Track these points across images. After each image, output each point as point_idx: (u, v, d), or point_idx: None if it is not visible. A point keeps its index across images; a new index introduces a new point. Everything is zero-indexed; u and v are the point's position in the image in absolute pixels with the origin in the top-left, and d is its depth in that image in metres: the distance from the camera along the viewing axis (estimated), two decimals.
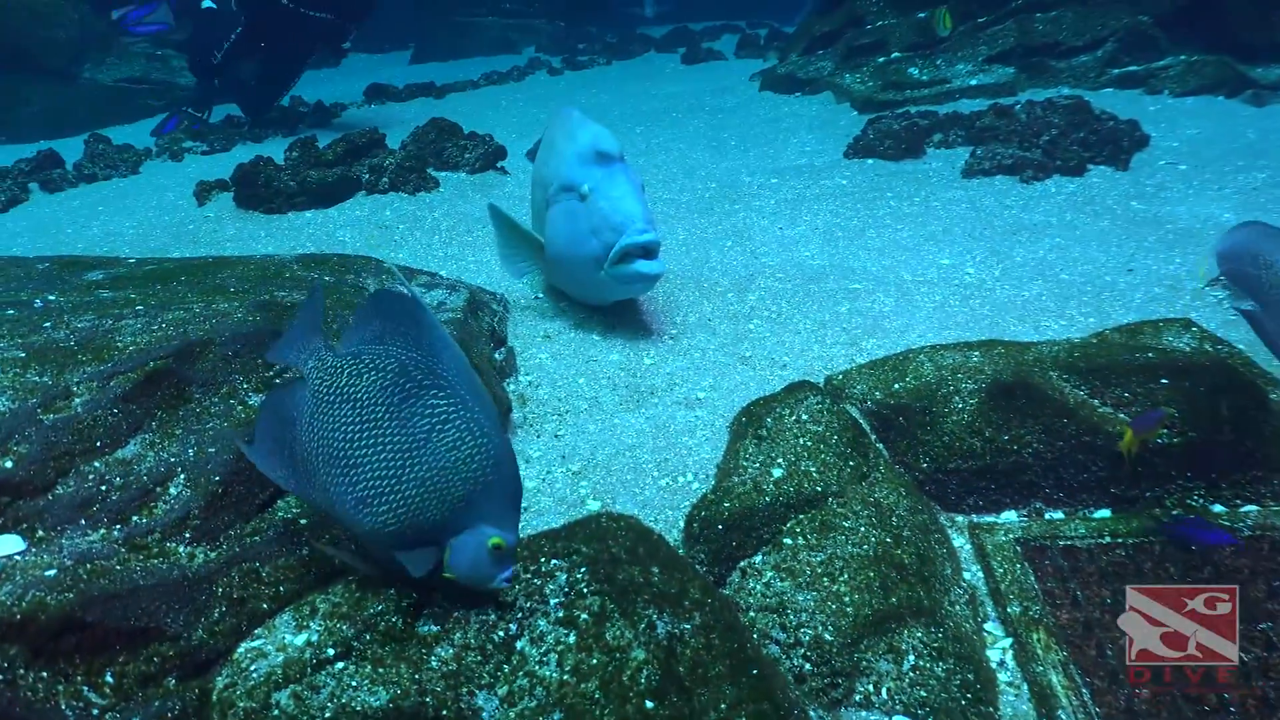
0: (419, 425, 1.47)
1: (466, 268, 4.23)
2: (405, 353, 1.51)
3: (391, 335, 1.54)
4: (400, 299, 1.57)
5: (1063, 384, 2.50)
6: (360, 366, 1.54)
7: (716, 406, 2.75)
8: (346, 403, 1.51)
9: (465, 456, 1.47)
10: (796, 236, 4.34)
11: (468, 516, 1.49)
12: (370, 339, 1.57)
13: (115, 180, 7.01)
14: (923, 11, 7.77)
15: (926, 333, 3.17)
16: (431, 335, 1.53)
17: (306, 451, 1.55)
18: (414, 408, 1.48)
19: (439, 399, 1.48)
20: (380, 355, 1.53)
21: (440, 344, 1.53)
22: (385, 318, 1.57)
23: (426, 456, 1.47)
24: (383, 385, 1.50)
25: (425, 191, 5.48)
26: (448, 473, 1.47)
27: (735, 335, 3.25)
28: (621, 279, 3.14)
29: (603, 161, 3.21)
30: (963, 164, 5.20)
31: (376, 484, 1.48)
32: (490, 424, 1.51)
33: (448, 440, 1.47)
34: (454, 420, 1.48)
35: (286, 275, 3.05)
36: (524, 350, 3.25)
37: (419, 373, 1.50)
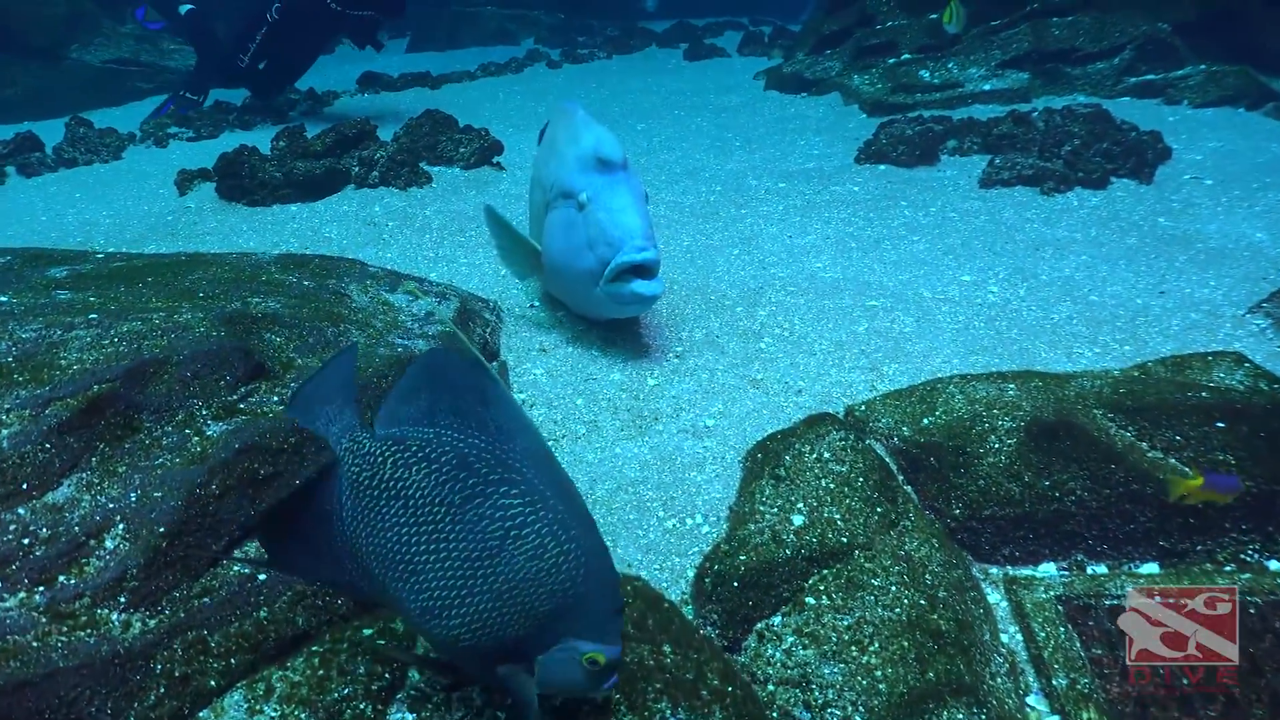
0: (489, 531, 1.22)
1: (458, 270, 4.00)
2: (464, 439, 1.24)
3: (446, 413, 1.27)
4: (457, 365, 1.31)
5: (1108, 424, 2.28)
6: (407, 456, 1.27)
7: (727, 436, 2.52)
8: (395, 499, 1.26)
9: (550, 566, 1.22)
10: (807, 246, 4.11)
11: (558, 630, 1.24)
12: (418, 416, 1.29)
13: (96, 166, 6.75)
14: (935, 13, 7.53)
15: (951, 357, 2.94)
16: (500, 413, 1.27)
17: (355, 546, 1.30)
18: (481, 509, 1.22)
19: (512, 498, 1.22)
20: (432, 443, 1.26)
21: (511, 423, 1.26)
22: (438, 390, 1.30)
23: (502, 567, 1.22)
24: (439, 481, 1.24)
25: (417, 187, 5.23)
26: (530, 585, 1.22)
27: (745, 355, 3.02)
28: (616, 298, 2.92)
29: (604, 169, 2.98)
30: (980, 173, 4.98)
31: (444, 594, 1.23)
32: (578, 524, 1.25)
33: (526, 548, 1.21)
34: (532, 524, 1.22)
35: (263, 278, 2.82)
36: (517, 365, 3.02)
37: (484, 465, 1.23)
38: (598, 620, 1.25)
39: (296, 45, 7.95)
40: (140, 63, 11.08)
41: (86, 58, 10.75)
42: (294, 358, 2.16)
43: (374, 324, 2.58)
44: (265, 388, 1.96)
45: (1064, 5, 7.14)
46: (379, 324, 2.59)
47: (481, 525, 1.22)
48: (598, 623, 1.25)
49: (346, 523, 1.31)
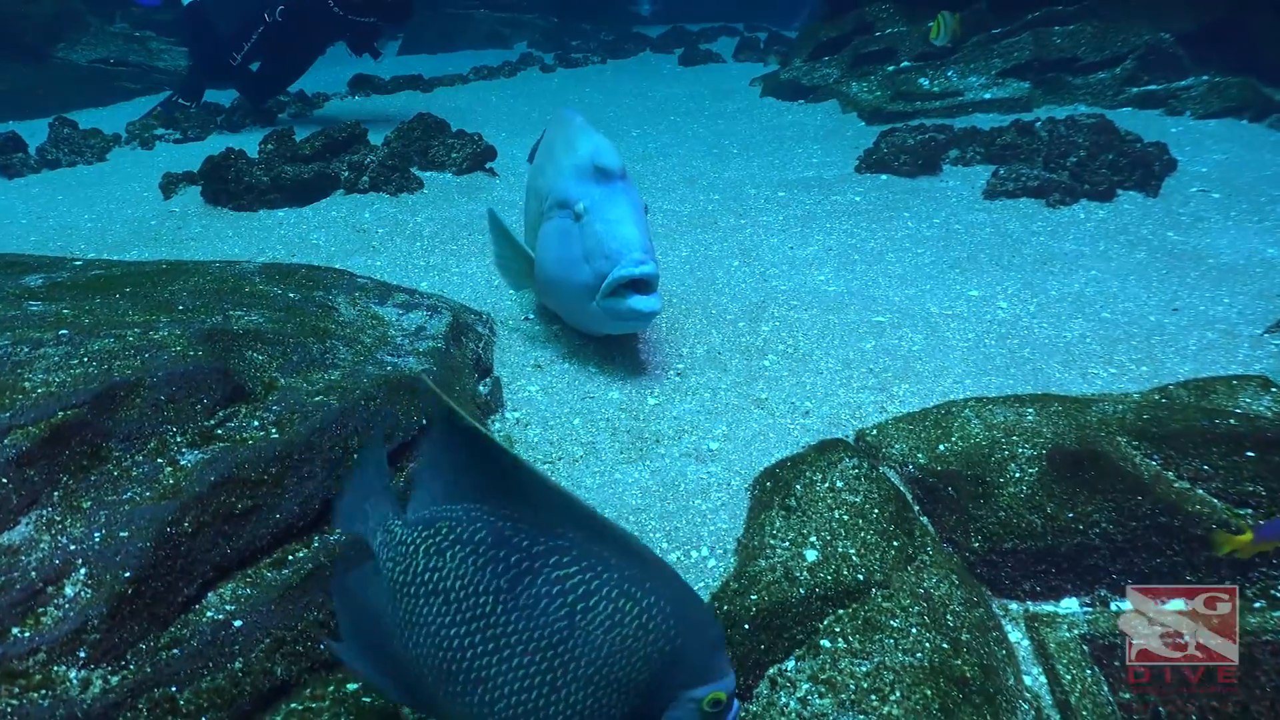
0: (552, 611, 1.07)
1: (450, 280, 3.87)
2: (495, 512, 1.10)
3: (468, 486, 1.13)
4: (458, 442, 1.16)
5: (1132, 452, 2.17)
6: (439, 541, 1.12)
7: (732, 461, 2.41)
8: (434, 596, 1.11)
9: (634, 630, 1.07)
10: (809, 258, 4.00)
11: (667, 690, 1.10)
12: (443, 493, 1.15)
13: (80, 167, 6.61)
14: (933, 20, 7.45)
15: (964, 378, 2.83)
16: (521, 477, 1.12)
17: (408, 658, 1.14)
18: (535, 589, 1.07)
19: (566, 568, 1.07)
20: (462, 521, 1.12)
21: (536, 486, 1.11)
22: (451, 471, 1.15)
23: (579, 649, 1.06)
24: (478, 565, 1.09)
25: (408, 192, 5.11)
26: (619, 658, 1.07)
27: (749, 373, 2.91)
28: (613, 314, 2.80)
29: (602, 178, 2.86)
30: (983, 184, 4.89)
31: (520, 701, 1.07)
32: (648, 572, 1.10)
33: (601, 619, 1.06)
34: (599, 590, 1.07)
35: (246, 290, 2.70)
36: (511, 381, 2.90)
37: (524, 538, 1.09)
38: (704, 661, 1.11)
39: (293, 49, 7.81)
40: (128, 63, 10.94)
41: (73, 57, 10.59)
42: (277, 377, 2.04)
43: (362, 339, 2.46)
44: (245, 411, 1.84)
45: (1066, 14, 7.06)
46: (367, 339, 2.47)
47: (541, 607, 1.06)
48: (705, 664, 1.11)
49: (394, 629, 1.15)
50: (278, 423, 1.81)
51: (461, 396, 2.40)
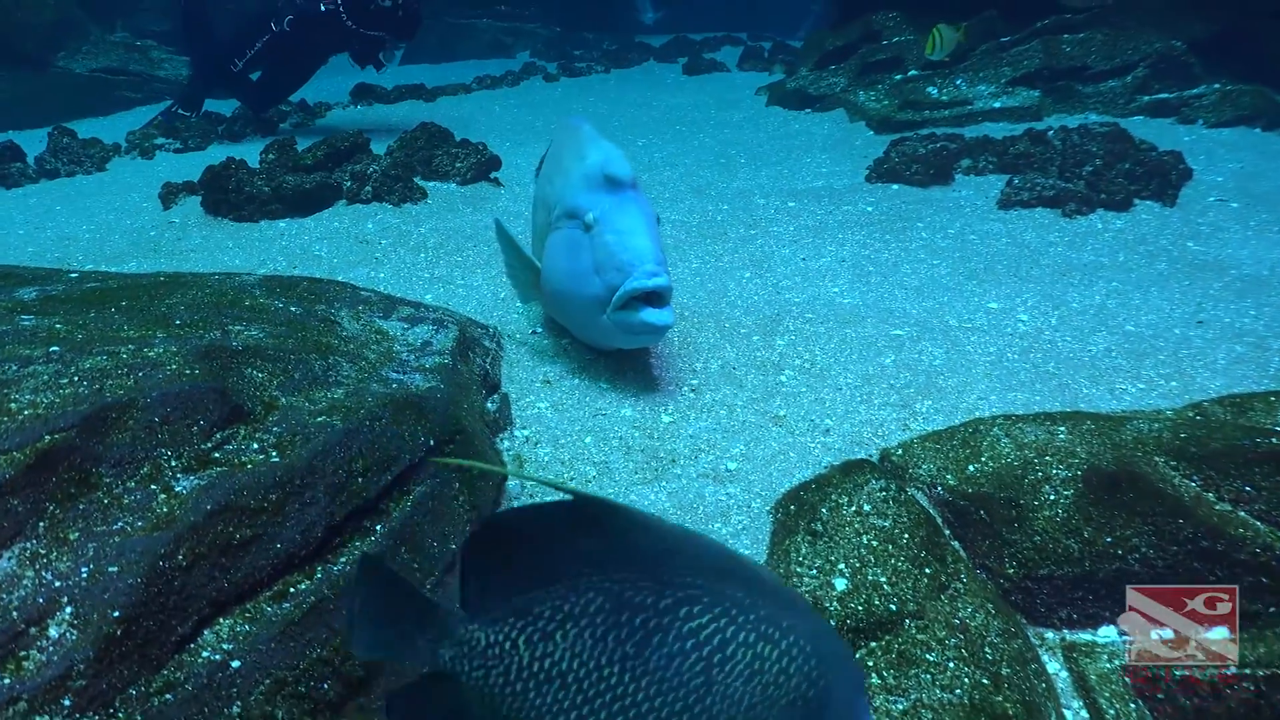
0: (687, 670, 0.96)
1: (455, 292, 3.78)
2: (602, 578, 0.98)
3: (563, 558, 1.01)
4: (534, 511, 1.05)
5: (1171, 473, 2.08)
6: (542, 626, 1.00)
7: (751, 482, 2.31)
8: (548, 684, 0.99)
9: (775, 677, 0.96)
10: (822, 269, 3.91)
11: None
12: (524, 577, 1.02)
13: (79, 177, 6.54)
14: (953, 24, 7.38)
15: (988, 393, 2.74)
16: (625, 524, 1.00)
17: None
18: (666, 649, 0.96)
19: (698, 619, 0.96)
20: (565, 597, 1.00)
21: (638, 527, 1.00)
22: (530, 547, 1.02)
23: (719, 704, 0.95)
24: (596, 638, 0.97)
25: (411, 203, 5.02)
26: (763, 707, 0.96)
27: (765, 389, 2.81)
28: (625, 327, 2.70)
29: (612, 188, 2.77)
30: (997, 193, 4.80)
31: None
32: (784, 610, 0.99)
33: (740, 670, 0.96)
34: (736, 636, 0.96)
35: (246, 303, 2.61)
36: (520, 398, 2.81)
37: (645, 594, 0.97)
38: (847, 703, 1.00)
39: (297, 59, 7.74)
40: (129, 72, 10.88)
41: (74, 66, 10.54)
42: (277, 396, 1.94)
43: (366, 355, 2.36)
44: (244, 433, 1.75)
45: (1076, 22, 6.98)
46: (372, 355, 2.38)
47: (674, 667, 0.95)
48: (848, 707, 1.00)
49: None
50: (278, 445, 1.72)
51: (470, 414, 2.31)
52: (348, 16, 7.20)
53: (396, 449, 1.90)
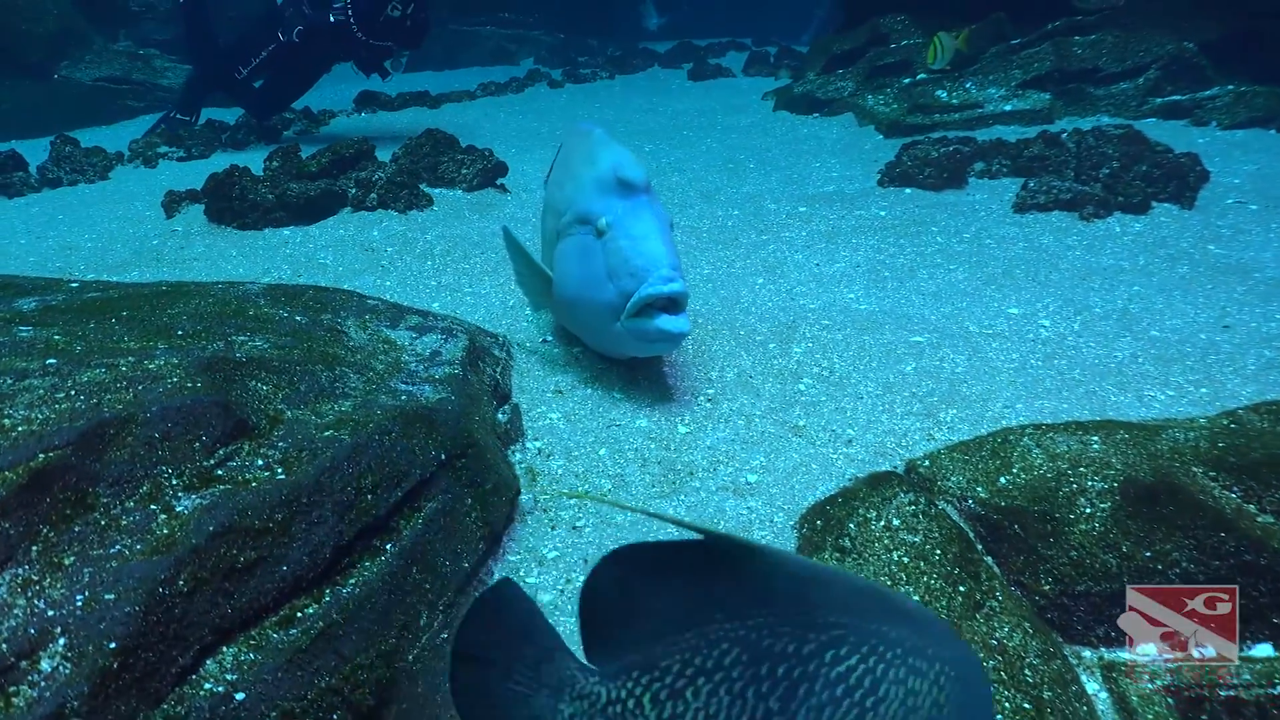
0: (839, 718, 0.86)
1: (462, 300, 3.71)
2: (738, 626, 0.87)
3: (695, 603, 0.90)
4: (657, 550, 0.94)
5: (1210, 484, 2.00)
6: (670, 682, 0.89)
7: (773, 495, 2.23)
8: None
9: (929, 711, 0.87)
10: (837, 274, 3.84)
11: None
12: (647, 628, 0.92)
13: (81, 186, 6.48)
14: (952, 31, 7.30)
15: (1014, 401, 2.66)
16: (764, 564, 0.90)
17: None
18: (815, 698, 0.85)
19: (846, 660, 0.86)
20: (697, 648, 0.89)
21: (789, 567, 0.90)
22: (656, 592, 0.92)
23: None
24: (734, 694, 0.87)
25: (417, 210, 4.96)
26: None
27: (784, 398, 2.74)
28: (640, 335, 2.63)
29: (625, 191, 2.70)
30: (1012, 197, 4.72)
31: None
32: (922, 630, 0.89)
33: (893, 710, 0.86)
34: (886, 675, 0.86)
35: (250, 313, 2.54)
36: (531, 408, 2.74)
37: (786, 641, 0.87)
38: None
39: (302, 68, 7.68)
40: (132, 81, 10.84)
41: (77, 75, 10.50)
42: (283, 409, 1.87)
43: (374, 366, 2.29)
44: (248, 448, 1.67)
45: (1086, 23, 6.91)
46: (380, 366, 2.31)
47: (825, 718, 0.86)
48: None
49: None
50: (284, 461, 1.65)
51: (482, 426, 2.23)
52: (358, 28, 7.14)
53: (407, 464, 1.83)
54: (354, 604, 1.52)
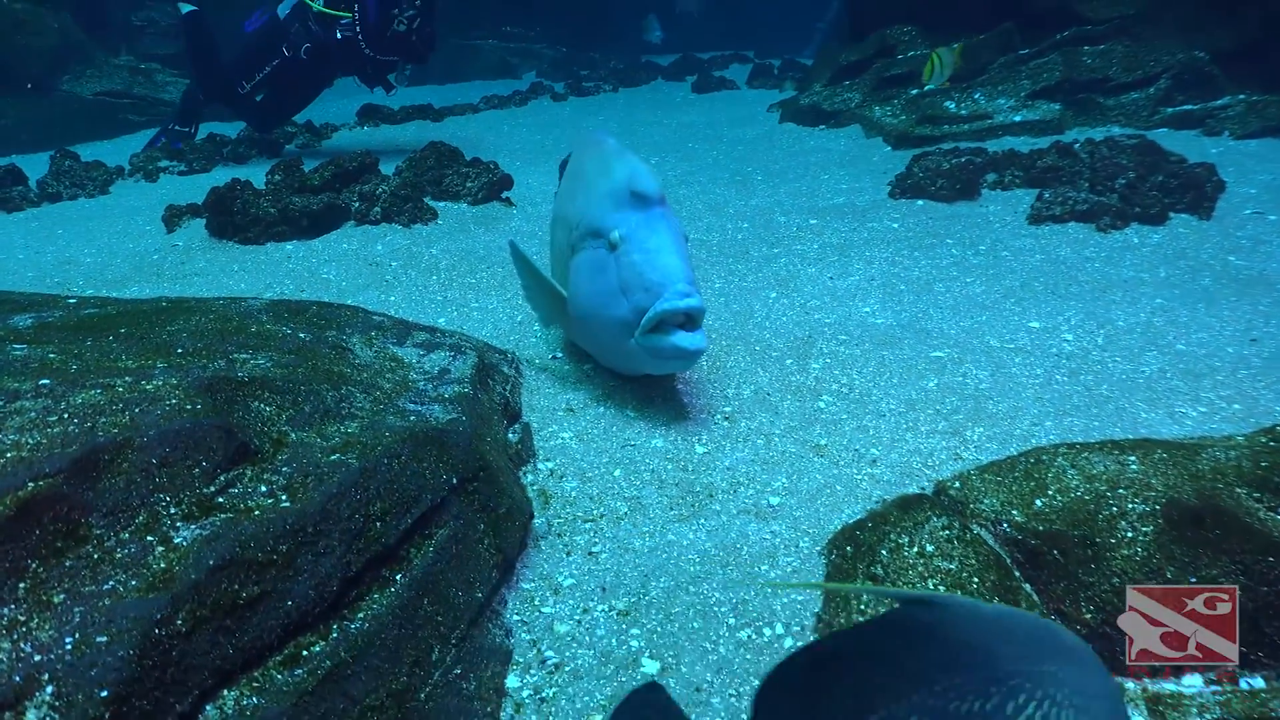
0: None
1: (469, 315, 3.63)
2: (933, 692, 0.79)
3: (890, 683, 0.81)
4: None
5: (1255, 505, 1.91)
6: None
7: (798, 519, 2.14)
8: None
9: None
10: (851, 288, 3.76)
11: None
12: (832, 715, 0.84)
13: (81, 200, 6.41)
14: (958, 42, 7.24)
15: (1041, 419, 2.57)
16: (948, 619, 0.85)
17: None
18: None
19: (1025, 711, 0.77)
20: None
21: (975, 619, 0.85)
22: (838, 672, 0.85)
23: None
24: None
25: (422, 223, 4.88)
26: None
27: (803, 416, 2.65)
28: (655, 352, 2.54)
29: (640, 204, 2.62)
30: (1026, 208, 4.65)
31: None
32: (1081, 669, 0.81)
33: None
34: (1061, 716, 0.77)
35: (252, 329, 2.46)
36: (542, 427, 2.65)
37: (973, 698, 0.78)
38: None
39: (306, 81, 7.63)
40: (133, 95, 10.81)
41: (78, 89, 10.46)
42: (287, 431, 1.78)
43: (381, 385, 2.21)
44: (251, 474, 1.59)
45: (1096, 33, 6.85)
46: (387, 384, 2.22)
47: None
48: None
49: None
50: (289, 487, 1.56)
51: (493, 448, 2.14)
52: (366, 44, 7.08)
53: (417, 488, 1.74)
54: (363, 640, 1.43)
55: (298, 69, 7.39)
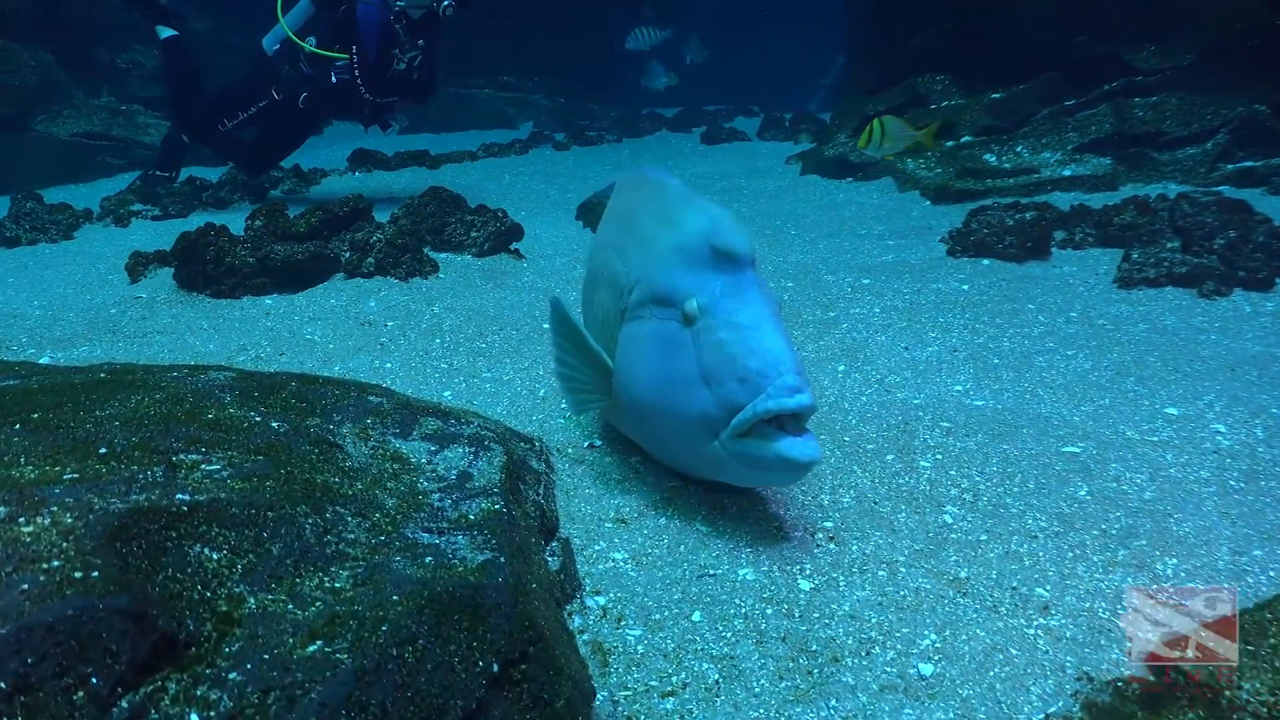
0: None
1: (480, 388, 3.03)
2: None
3: None
4: None
5: None
6: None
7: (970, 704, 1.52)
8: None
9: None
10: (933, 361, 3.17)
11: None
12: None
13: (41, 245, 5.82)
14: (998, 92, 6.78)
15: (1245, 545, 1.97)
16: None
17: None
18: None
19: None
20: None
21: None
22: None
23: None
24: None
25: (421, 277, 4.29)
26: None
27: (928, 536, 2.04)
28: (751, 461, 1.93)
29: (725, 265, 2.03)
30: (1107, 269, 4.11)
31: None
32: None
33: None
34: None
35: (210, 415, 1.85)
36: (586, 544, 2.04)
37: None
38: None
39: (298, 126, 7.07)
40: (111, 137, 10.26)
41: (54, 130, 9.91)
42: (243, 595, 1.17)
43: (382, 501, 1.59)
44: (176, 689, 0.97)
45: (1148, 84, 6.38)
46: (390, 501, 1.61)
47: None
48: None
49: None
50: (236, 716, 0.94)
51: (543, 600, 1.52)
52: (364, 88, 6.53)
53: (443, 694, 1.12)
54: None
55: (288, 113, 6.84)
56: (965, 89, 7.00)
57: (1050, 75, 6.63)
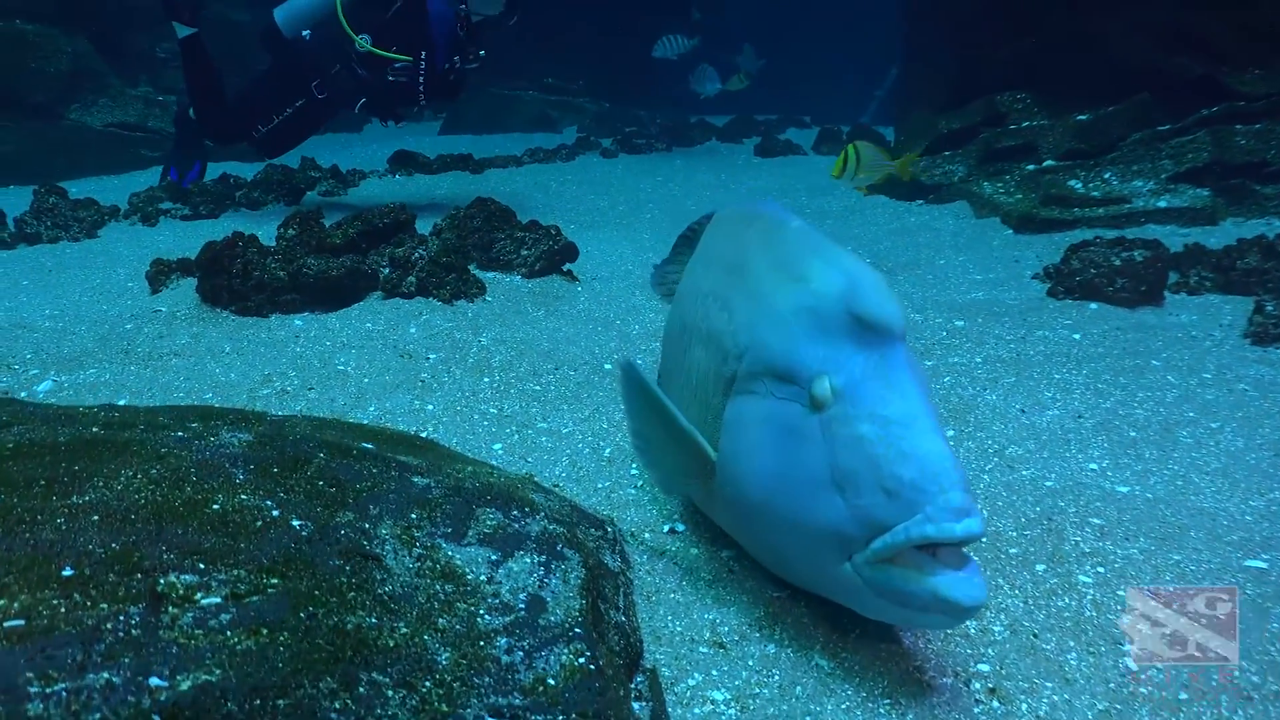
0: None
1: (536, 443, 2.63)
2: None
3: None
4: None
5: None
6: None
7: None
8: None
9: None
10: (1055, 428, 2.74)
11: None
12: None
13: (63, 244, 5.49)
14: (1084, 113, 6.31)
15: None
16: None
17: None
18: None
19: None
20: None
21: None
22: None
23: None
24: None
25: (467, 300, 3.90)
26: None
27: (1110, 690, 1.61)
28: (898, 597, 1.49)
29: (868, 338, 1.59)
30: (1230, 320, 3.68)
31: None
32: None
33: None
34: None
35: (214, 505, 1.48)
36: (678, 677, 1.63)
37: None
38: None
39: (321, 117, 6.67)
40: (147, 128, 10.01)
41: (87, 119, 9.65)
42: None
43: (433, 661, 1.19)
44: None
45: (1252, 110, 5.88)
46: (444, 659, 1.21)
47: None
48: None
49: None
50: None
51: None
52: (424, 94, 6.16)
53: None
54: None
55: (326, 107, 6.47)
56: (1048, 109, 6.53)
57: (1143, 97, 6.16)
